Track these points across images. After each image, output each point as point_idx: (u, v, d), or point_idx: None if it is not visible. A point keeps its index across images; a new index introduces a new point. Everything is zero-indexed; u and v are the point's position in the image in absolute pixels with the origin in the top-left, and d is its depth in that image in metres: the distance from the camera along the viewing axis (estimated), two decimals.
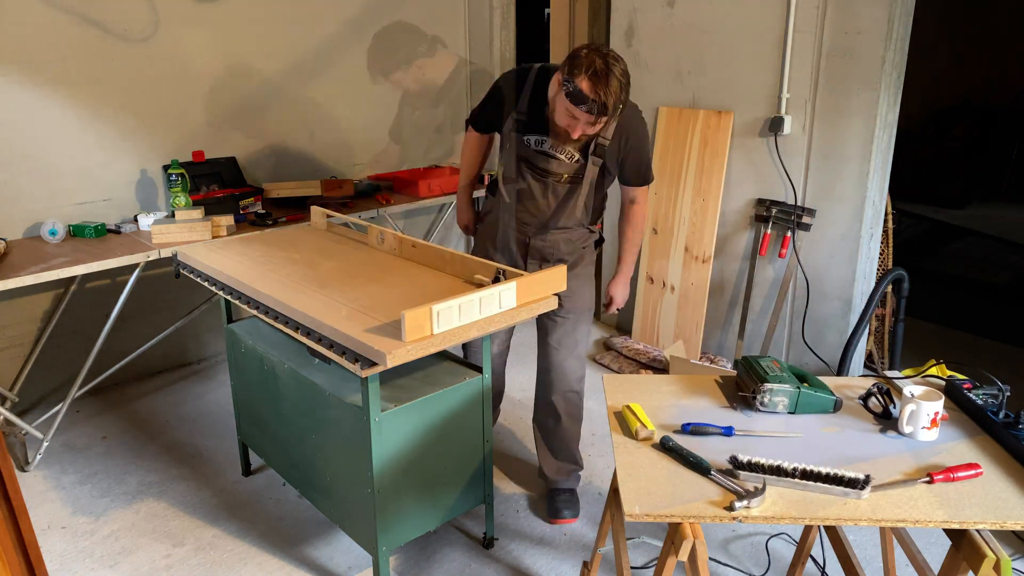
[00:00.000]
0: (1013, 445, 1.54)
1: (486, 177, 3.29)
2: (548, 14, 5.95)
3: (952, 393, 1.77)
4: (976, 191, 6.80)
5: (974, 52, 6.99)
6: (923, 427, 1.60)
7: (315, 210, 2.84)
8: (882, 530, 2.07)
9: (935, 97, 7.05)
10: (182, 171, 3.16)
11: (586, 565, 2.18)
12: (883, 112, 2.94)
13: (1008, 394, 1.67)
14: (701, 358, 3.57)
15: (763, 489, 1.42)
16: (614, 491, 1.89)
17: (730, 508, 1.39)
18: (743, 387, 1.80)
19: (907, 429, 1.62)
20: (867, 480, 1.43)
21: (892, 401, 1.70)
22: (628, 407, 1.73)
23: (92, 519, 2.60)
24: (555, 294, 2.12)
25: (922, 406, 1.59)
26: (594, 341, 3.97)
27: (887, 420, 1.68)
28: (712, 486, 1.47)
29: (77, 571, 2.35)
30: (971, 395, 1.72)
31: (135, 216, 3.23)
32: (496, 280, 2.10)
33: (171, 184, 3.15)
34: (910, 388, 1.64)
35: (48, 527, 2.56)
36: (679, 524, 1.44)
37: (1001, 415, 1.63)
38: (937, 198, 6.61)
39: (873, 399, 1.72)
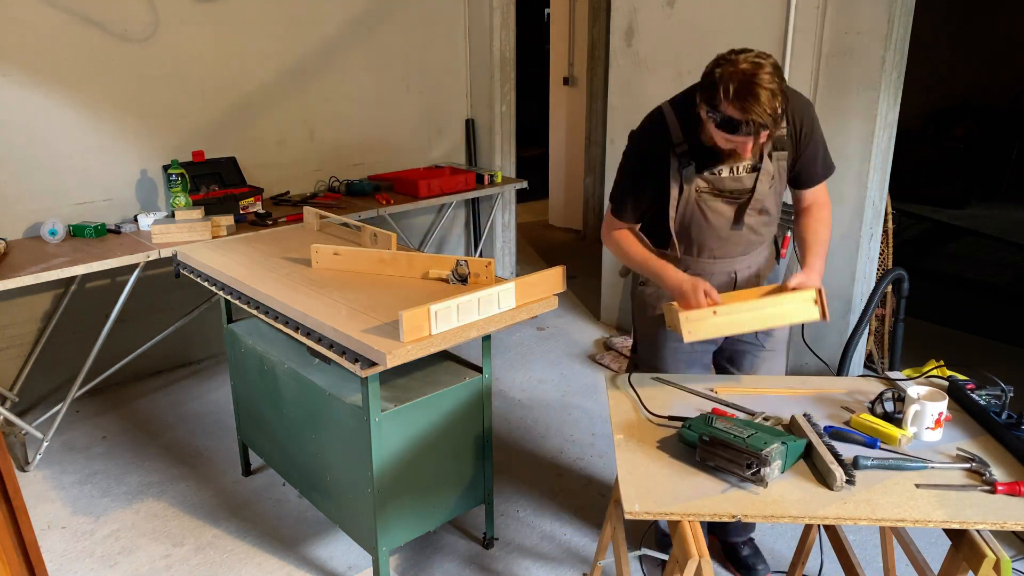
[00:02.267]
0: (1015, 446, 1.54)
1: None
2: (548, 14, 5.95)
3: (955, 394, 1.77)
4: (976, 191, 6.80)
5: (974, 52, 6.99)
6: (927, 427, 1.60)
7: (307, 210, 2.83)
8: (882, 530, 2.06)
9: (935, 97, 7.05)
10: (182, 171, 3.16)
11: None
12: (883, 112, 2.94)
13: (1011, 395, 1.67)
14: None
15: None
16: (615, 502, 1.88)
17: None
18: (723, 466, 1.49)
19: (911, 430, 1.61)
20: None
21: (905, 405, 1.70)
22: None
23: (92, 519, 2.60)
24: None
25: (926, 406, 1.59)
26: (594, 341, 3.97)
27: (889, 422, 1.68)
28: (712, 483, 1.46)
29: (77, 571, 2.35)
30: (974, 396, 1.72)
31: (135, 216, 3.23)
32: (459, 272, 2.11)
33: (171, 184, 3.15)
34: (915, 389, 1.64)
35: (48, 527, 2.55)
36: (684, 538, 1.42)
37: (1004, 416, 1.63)
38: (937, 198, 6.61)
39: (879, 404, 1.71)
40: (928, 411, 1.59)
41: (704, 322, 1.82)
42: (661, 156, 1.92)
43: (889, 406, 1.69)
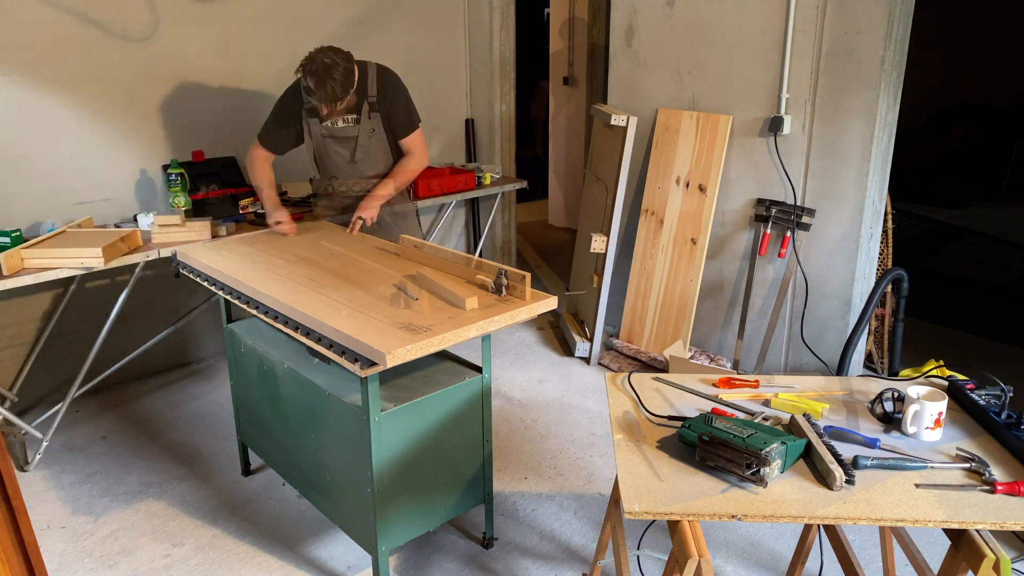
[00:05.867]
0: (1015, 446, 1.54)
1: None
2: (548, 14, 5.95)
3: (955, 394, 1.77)
4: (976, 191, 6.80)
5: (974, 52, 6.99)
6: (927, 427, 1.60)
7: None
8: (882, 530, 2.07)
9: (935, 97, 7.06)
10: (182, 171, 3.16)
11: None
12: (883, 112, 2.94)
13: (1011, 395, 1.67)
14: (701, 355, 3.57)
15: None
16: (615, 502, 1.88)
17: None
18: (723, 466, 1.49)
19: (911, 429, 1.61)
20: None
21: (904, 405, 1.70)
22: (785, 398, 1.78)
23: (92, 519, 2.60)
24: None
25: (926, 406, 1.59)
26: None
27: (888, 423, 1.68)
28: (712, 483, 1.46)
29: (77, 571, 2.35)
30: (974, 396, 1.72)
31: (135, 216, 3.22)
32: (498, 283, 2.10)
33: (170, 184, 3.15)
34: (914, 388, 1.64)
35: (48, 527, 2.55)
36: (683, 538, 1.41)
37: (1004, 416, 1.62)
38: (937, 198, 6.61)
39: (879, 404, 1.71)
40: (927, 411, 1.59)
41: None
42: (295, 110, 2.91)
43: (889, 406, 1.69)
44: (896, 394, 1.70)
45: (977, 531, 1.37)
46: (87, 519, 2.60)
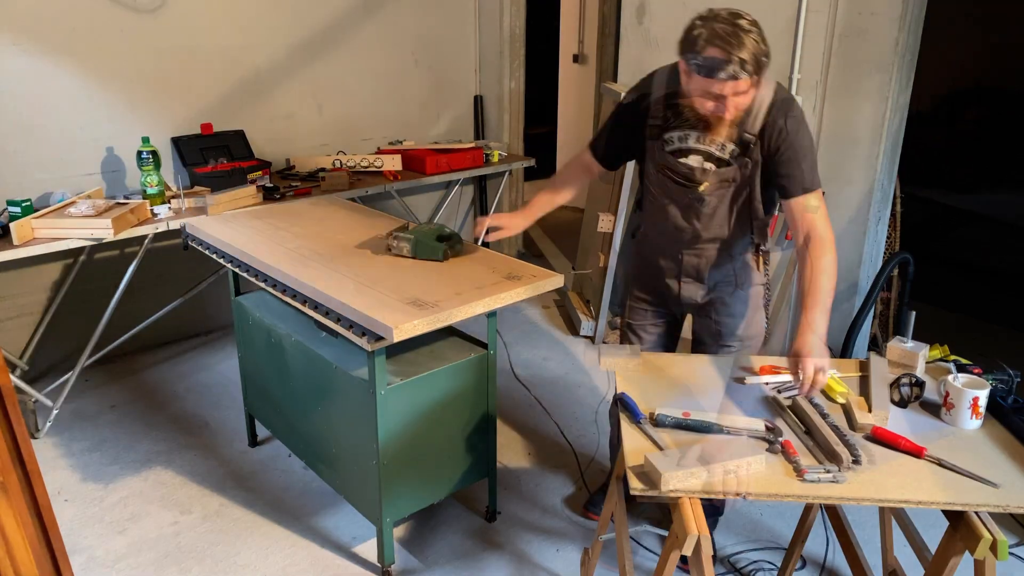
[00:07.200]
0: (1021, 430, 1.55)
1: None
2: None
3: None
4: (987, 176, 6.76)
5: (988, 35, 6.91)
6: (970, 416, 1.60)
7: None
8: (881, 510, 2.08)
9: (947, 80, 6.98)
10: (154, 148, 2.97)
11: (587, 552, 2.19)
12: (894, 94, 2.92)
13: (1018, 380, 1.67)
14: None
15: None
16: (616, 478, 1.90)
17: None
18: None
19: (953, 417, 1.62)
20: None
21: (921, 391, 1.70)
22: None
23: (101, 486, 2.63)
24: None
25: (967, 393, 1.59)
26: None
27: (904, 407, 1.68)
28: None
29: (86, 536, 2.39)
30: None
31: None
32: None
33: (142, 163, 2.94)
34: (954, 376, 1.63)
35: (58, 493, 2.59)
36: (683, 515, 1.42)
37: (1010, 400, 1.63)
38: (947, 182, 6.57)
39: (896, 389, 1.71)
40: (967, 398, 1.58)
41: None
42: (635, 115, 1.98)
43: (906, 391, 1.69)
44: (914, 379, 1.70)
45: (976, 513, 1.38)
46: (97, 486, 2.63)
